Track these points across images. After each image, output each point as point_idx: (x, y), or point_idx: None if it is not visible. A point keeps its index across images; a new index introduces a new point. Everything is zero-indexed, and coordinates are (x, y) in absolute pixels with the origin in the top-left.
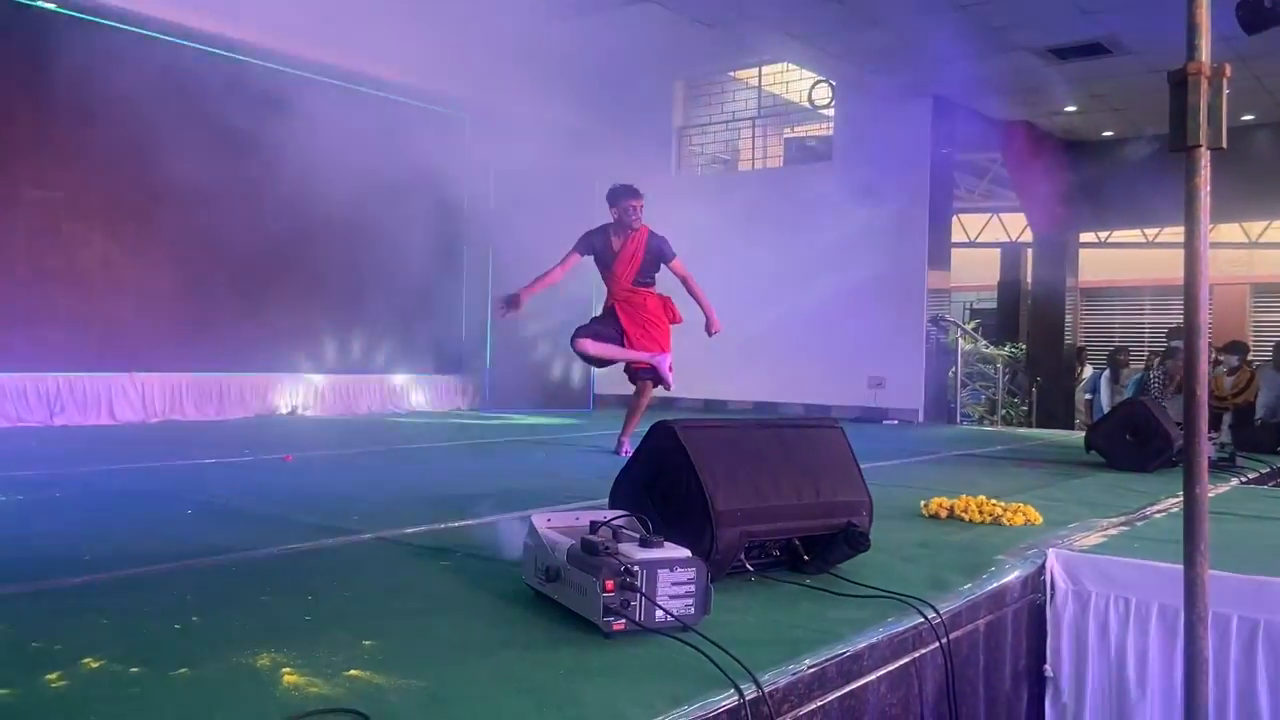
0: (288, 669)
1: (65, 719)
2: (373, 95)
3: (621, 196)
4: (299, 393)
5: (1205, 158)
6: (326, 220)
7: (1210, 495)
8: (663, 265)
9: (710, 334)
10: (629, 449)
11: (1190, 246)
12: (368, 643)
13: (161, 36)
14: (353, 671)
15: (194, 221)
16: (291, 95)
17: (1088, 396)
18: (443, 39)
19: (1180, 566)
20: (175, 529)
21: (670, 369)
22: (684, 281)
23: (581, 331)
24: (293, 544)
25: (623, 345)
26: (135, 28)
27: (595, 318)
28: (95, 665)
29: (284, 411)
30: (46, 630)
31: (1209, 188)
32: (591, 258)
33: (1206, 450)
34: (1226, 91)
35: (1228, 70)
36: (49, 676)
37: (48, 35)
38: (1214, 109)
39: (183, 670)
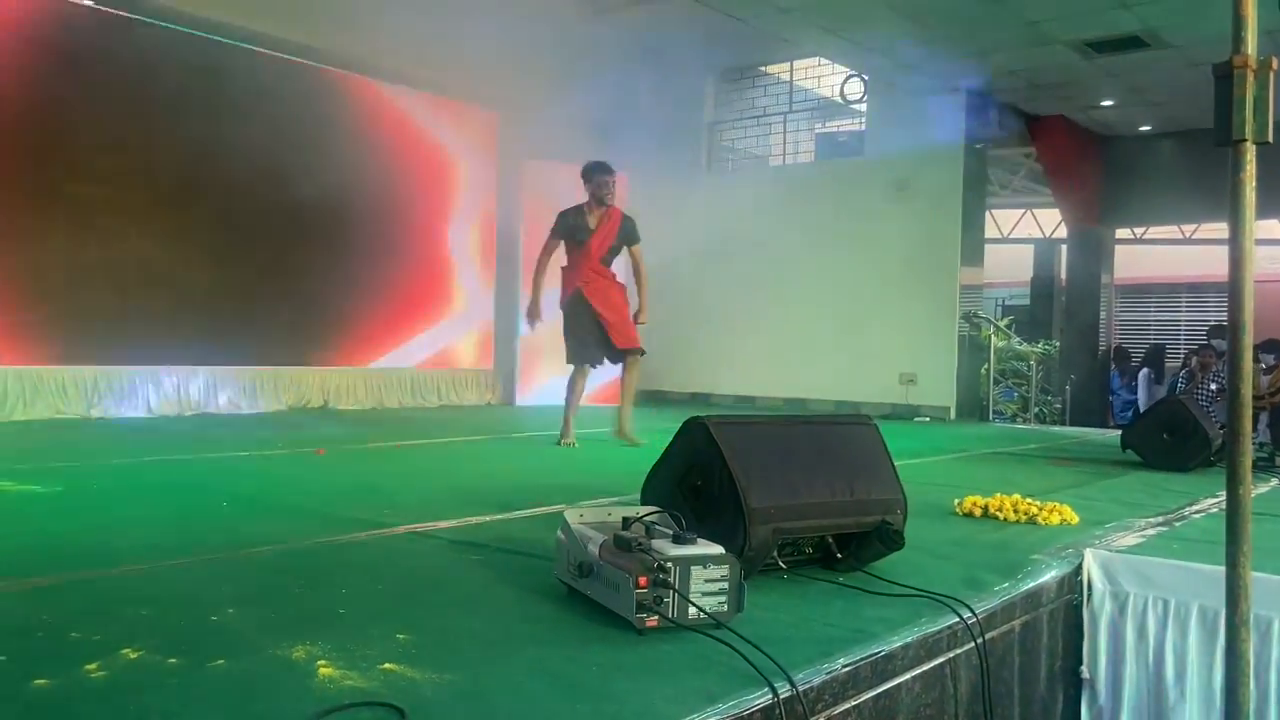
0: (323, 661)
1: (104, 709)
2: (405, 91)
3: (596, 173)
4: (330, 386)
5: (1251, 152)
6: (359, 216)
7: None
8: (625, 249)
9: (638, 322)
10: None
11: (1235, 243)
12: (402, 636)
13: (193, 31)
14: (388, 665)
15: (228, 216)
16: (323, 91)
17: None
18: (474, 35)
19: (1221, 568)
20: (211, 521)
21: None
22: (636, 266)
23: (578, 358)
24: (326, 537)
25: (606, 338)
26: (169, 23)
27: (571, 325)
28: (134, 656)
29: (315, 405)
30: (85, 621)
31: (1254, 183)
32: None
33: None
34: (1273, 85)
35: (1275, 64)
36: (88, 667)
37: (82, 30)
38: (1260, 103)
39: (220, 661)
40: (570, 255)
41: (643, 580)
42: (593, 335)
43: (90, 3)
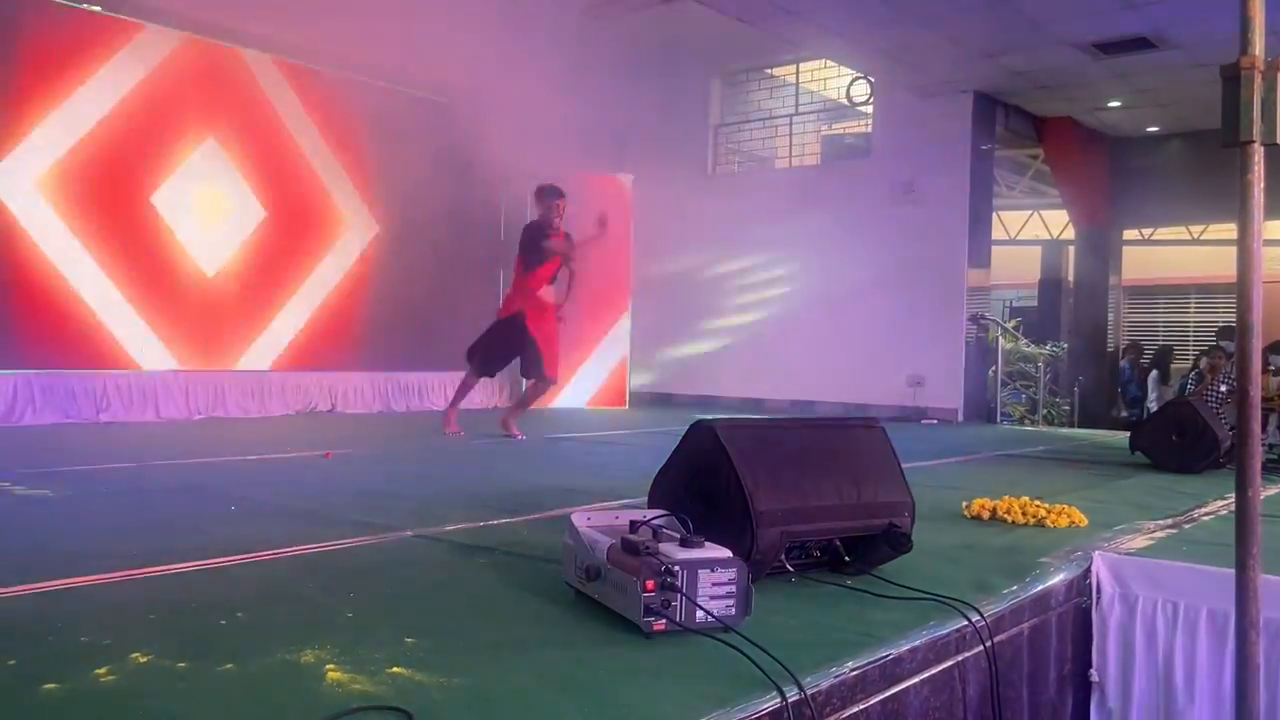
0: (331, 665)
1: (115, 713)
2: (405, 93)
3: (549, 196)
4: (338, 390)
5: (1259, 154)
6: (364, 219)
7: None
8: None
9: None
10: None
11: (1243, 244)
12: (410, 640)
13: (194, 34)
14: (395, 669)
15: (235, 221)
16: (328, 92)
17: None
18: (478, 38)
19: (1231, 570)
20: (219, 525)
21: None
22: (572, 277)
23: (481, 367)
24: (334, 541)
25: (534, 360)
26: (160, 24)
27: (493, 338)
28: (144, 660)
29: (323, 409)
30: (95, 625)
31: (1263, 184)
32: (518, 250)
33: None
34: None
35: None
36: (99, 671)
37: (89, 34)
38: (1267, 104)
39: (229, 666)
40: (518, 275)
41: (650, 584)
42: (505, 355)
43: (98, 8)
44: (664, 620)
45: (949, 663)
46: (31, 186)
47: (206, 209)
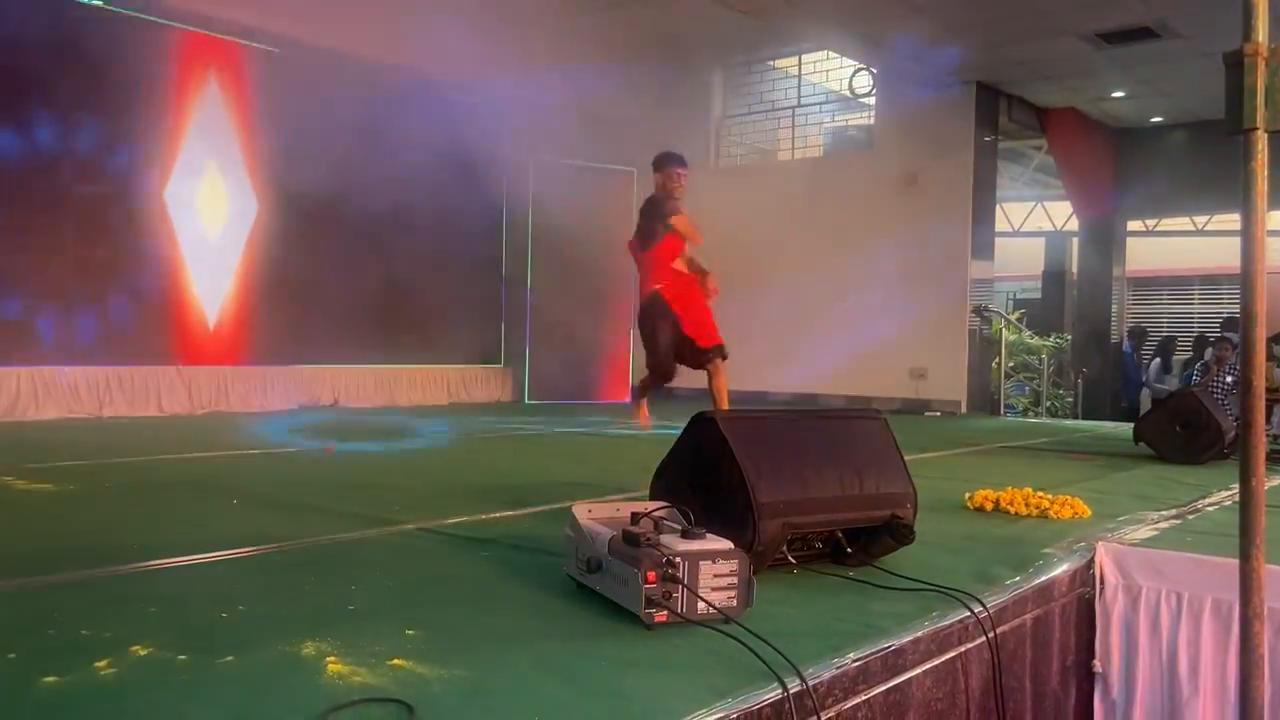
0: (332, 658)
1: (114, 706)
2: (412, 86)
3: (669, 163)
4: (340, 384)
5: (1262, 141)
6: (368, 213)
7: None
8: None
9: (707, 290)
10: None
11: (1248, 232)
12: (411, 632)
13: (200, 29)
14: (396, 661)
15: (237, 216)
16: (333, 87)
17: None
18: (484, 29)
19: (1234, 560)
20: (221, 519)
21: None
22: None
23: (657, 375)
24: (336, 534)
25: (684, 339)
26: (176, 22)
27: (648, 337)
28: (144, 653)
29: (326, 403)
30: (96, 618)
31: (1267, 172)
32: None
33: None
34: None
35: None
36: (99, 664)
37: (94, 30)
38: (1271, 90)
39: (229, 658)
40: (642, 254)
41: (651, 575)
42: (668, 348)
43: (99, 1)
44: (665, 612)
45: (951, 654)
46: None
47: (207, 203)
